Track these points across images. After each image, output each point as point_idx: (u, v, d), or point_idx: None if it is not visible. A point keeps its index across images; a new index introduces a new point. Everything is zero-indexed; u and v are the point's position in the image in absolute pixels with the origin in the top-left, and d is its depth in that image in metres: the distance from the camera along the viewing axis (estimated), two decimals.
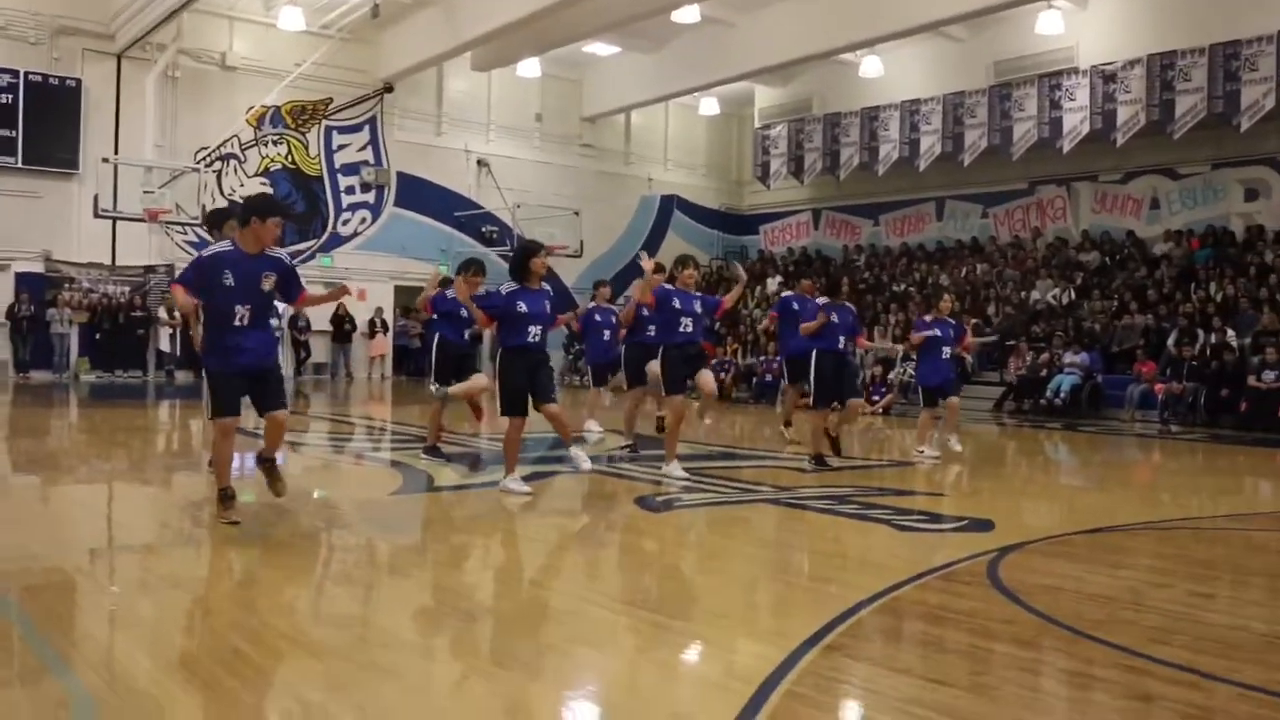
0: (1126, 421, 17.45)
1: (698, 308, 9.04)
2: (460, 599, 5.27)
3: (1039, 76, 22.41)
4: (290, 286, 6.75)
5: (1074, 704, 3.82)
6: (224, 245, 6.58)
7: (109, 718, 3.34)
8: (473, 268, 9.60)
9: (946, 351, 11.28)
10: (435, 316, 10.09)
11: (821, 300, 10.52)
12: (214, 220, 9.22)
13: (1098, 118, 21.24)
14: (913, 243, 27.07)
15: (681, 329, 8.90)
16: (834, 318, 10.19)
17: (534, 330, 7.82)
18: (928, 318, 11.45)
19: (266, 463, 6.88)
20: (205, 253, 6.58)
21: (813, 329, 10.17)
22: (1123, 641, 4.34)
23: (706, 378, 9.13)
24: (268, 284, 6.52)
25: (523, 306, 7.76)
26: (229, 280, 6.36)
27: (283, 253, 6.85)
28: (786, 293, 12.54)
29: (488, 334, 11.05)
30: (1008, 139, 22.84)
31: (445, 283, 10.11)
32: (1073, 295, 21.54)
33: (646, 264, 8.80)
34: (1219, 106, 19.61)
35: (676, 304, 8.93)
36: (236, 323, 6.43)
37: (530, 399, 7.82)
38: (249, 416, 7.47)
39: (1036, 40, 22.19)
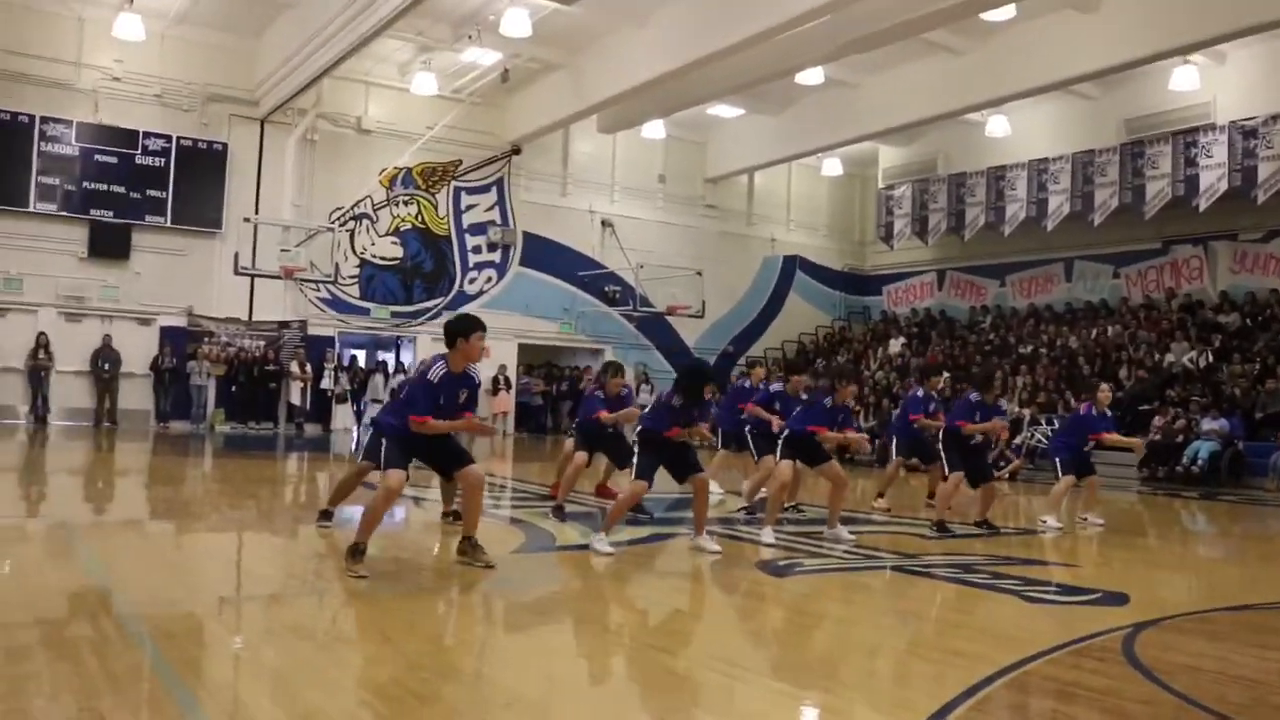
0: (1271, 492, 16.63)
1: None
2: (582, 660, 5.28)
3: (1173, 134, 21.89)
4: (471, 403, 7.19)
5: None
6: (440, 367, 6.99)
7: None
8: (612, 370, 10.71)
9: (1091, 442, 11.10)
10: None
11: (974, 397, 10.46)
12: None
13: (1237, 174, 20.60)
14: (1041, 304, 26.48)
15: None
16: (978, 415, 10.27)
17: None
18: (1092, 410, 11.22)
19: (469, 541, 7.21)
20: (431, 377, 6.96)
21: (972, 431, 10.23)
22: None
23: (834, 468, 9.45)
24: (461, 398, 7.04)
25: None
26: (441, 401, 6.90)
27: (476, 370, 7.34)
28: (917, 391, 12.52)
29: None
30: (1140, 197, 22.28)
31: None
32: (1210, 358, 20.73)
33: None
34: None
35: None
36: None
37: (672, 471, 8.22)
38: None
39: (1171, 96, 21.69)
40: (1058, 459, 11.37)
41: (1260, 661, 5.36)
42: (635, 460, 8.13)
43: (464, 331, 7.01)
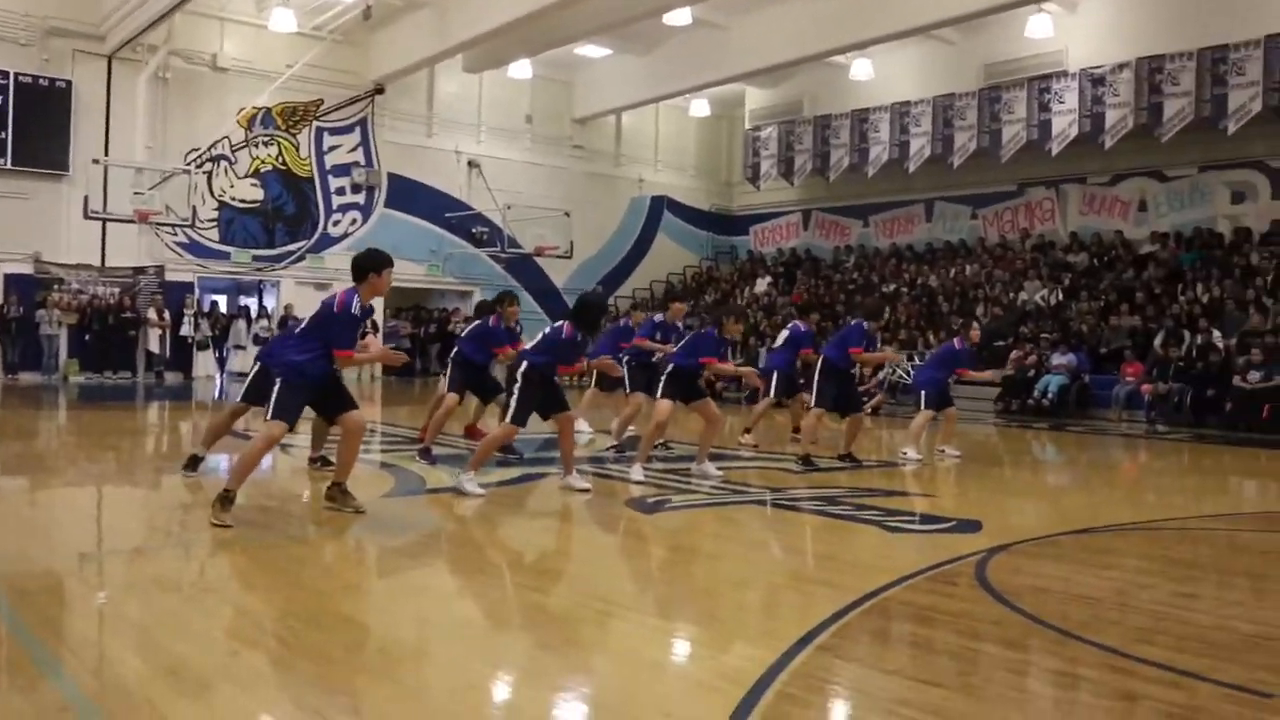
0: (1113, 421, 17.55)
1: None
2: (452, 601, 5.31)
3: (1029, 80, 22.56)
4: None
5: (1060, 704, 3.88)
6: (356, 299, 6.91)
7: None
8: (507, 298, 10.59)
9: (952, 377, 11.62)
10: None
11: (867, 325, 10.74)
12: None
13: (1086, 120, 21.38)
14: (902, 244, 27.19)
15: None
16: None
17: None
18: (956, 344, 11.72)
19: (339, 486, 7.17)
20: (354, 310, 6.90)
21: (871, 361, 10.59)
22: (1108, 642, 4.40)
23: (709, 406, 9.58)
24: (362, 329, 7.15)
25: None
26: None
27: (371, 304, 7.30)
28: (800, 324, 12.66)
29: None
30: (997, 141, 22.97)
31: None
32: (1060, 296, 21.66)
33: None
34: (1206, 110, 19.78)
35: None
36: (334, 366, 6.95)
37: (539, 412, 8.20)
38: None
39: (1026, 43, 22.32)
40: (923, 392, 11.80)
41: (1099, 580, 5.70)
42: (514, 400, 8.02)
43: (375, 267, 6.95)
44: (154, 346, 22.95)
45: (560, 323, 8.27)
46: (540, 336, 8.31)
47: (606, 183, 30.23)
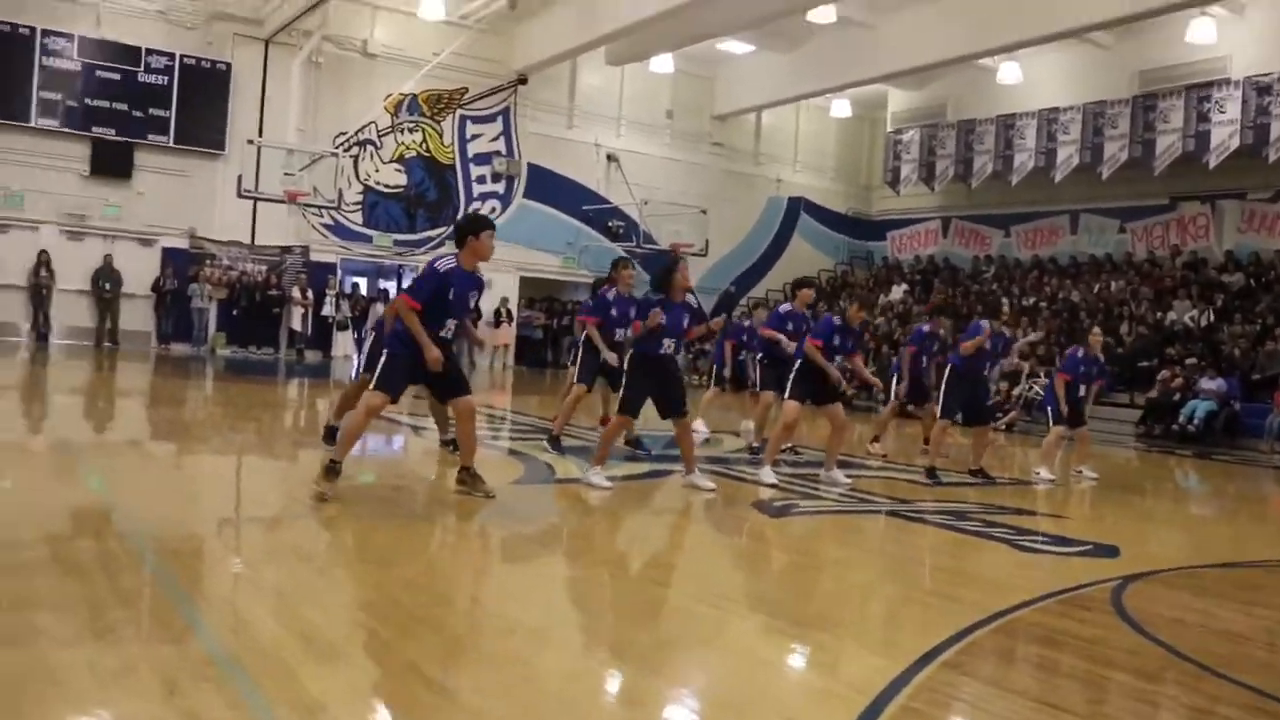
0: (1264, 453, 16.72)
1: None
2: (577, 590, 5.37)
3: (1187, 87, 21.67)
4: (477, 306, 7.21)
5: None
6: (449, 261, 6.85)
7: (251, 680, 3.49)
8: (621, 263, 10.26)
9: (1082, 389, 11.07)
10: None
11: (986, 324, 10.36)
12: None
13: (1249, 132, 20.43)
14: (1045, 255, 26.40)
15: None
16: (987, 344, 10.13)
17: (667, 342, 8.05)
18: (1080, 353, 11.21)
19: (467, 471, 7.14)
20: (439, 266, 6.82)
21: (970, 349, 10.10)
22: (1253, 682, 4.20)
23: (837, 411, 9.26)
24: (473, 300, 6.98)
25: (660, 318, 7.94)
26: (450, 296, 6.75)
27: (483, 272, 7.19)
28: (923, 326, 12.41)
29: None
30: (1150, 152, 22.13)
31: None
32: (1212, 317, 20.73)
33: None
34: None
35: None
36: (443, 334, 6.77)
37: (658, 408, 8.10)
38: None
39: (1186, 49, 21.45)
40: (1048, 408, 11.39)
41: (1244, 617, 5.44)
42: (624, 390, 8.05)
43: (474, 229, 6.90)
44: (296, 324, 23.76)
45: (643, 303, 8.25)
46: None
47: (744, 181, 30.10)
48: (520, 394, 19.89)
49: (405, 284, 26.25)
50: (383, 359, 6.77)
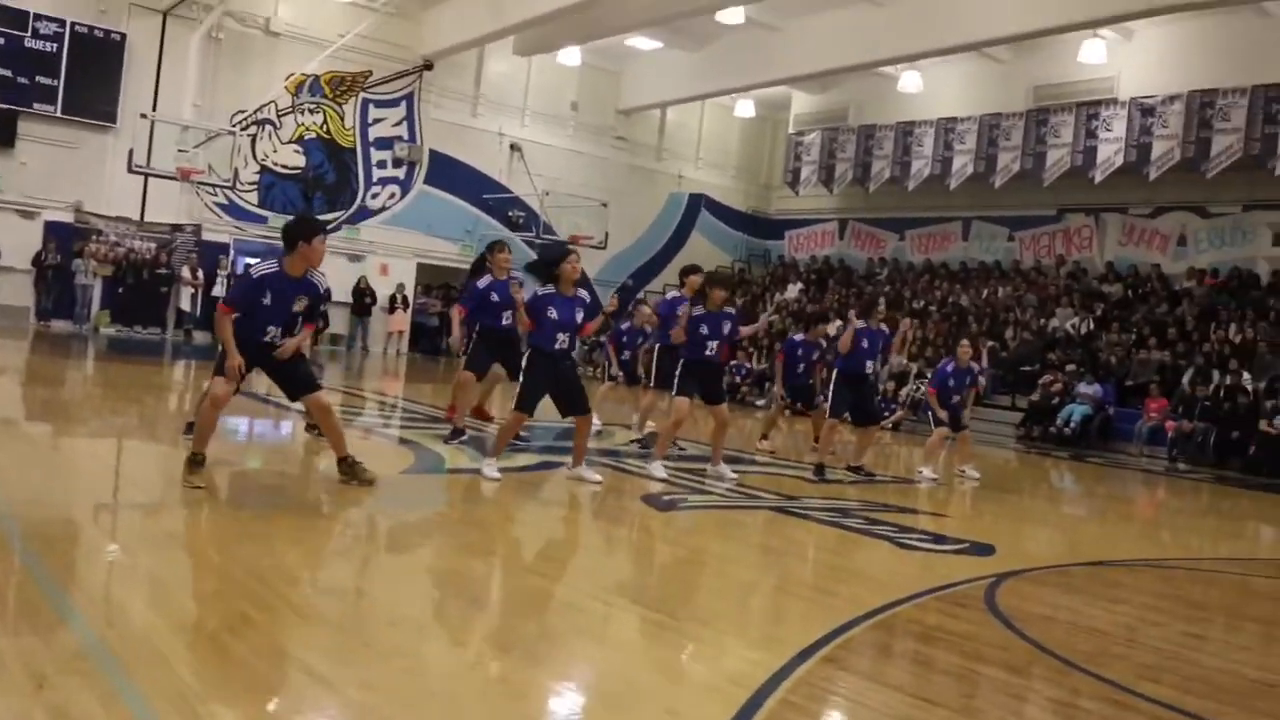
0: (1135, 456, 17.44)
1: (724, 330, 9.29)
2: (462, 581, 5.36)
3: (1077, 104, 22.40)
4: (313, 313, 6.87)
5: None
6: (270, 266, 6.63)
7: (125, 672, 3.42)
8: (496, 246, 9.90)
9: (957, 397, 11.41)
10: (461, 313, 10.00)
11: (859, 324, 10.53)
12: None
13: (1133, 150, 21.22)
14: (937, 260, 27.07)
15: (708, 351, 9.21)
16: (864, 343, 10.32)
17: (561, 337, 7.92)
18: (949, 367, 11.54)
19: (344, 461, 7.02)
20: (253, 272, 6.64)
21: (846, 345, 10.27)
22: (1112, 676, 4.40)
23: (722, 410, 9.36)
24: (299, 306, 6.68)
25: (552, 312, 7.88)
26: (266, 300, 6.52)
27: (322, 278, 6.89)
28: (796, 336, 12.71)
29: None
30: (1040, 164, 22.83)
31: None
32: (1091, 326, 21.51)
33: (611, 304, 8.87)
34: (1255, 149, 19.57)
35: (705, 329, 9.20)
36: (265, 338, 6.61)
37: (557, 407, 8.11)
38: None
39: (1078, 68, 22.14)
40: (927, 413, 11.77)
41: (1109, 614, 5.69)
42: (520, 387, 8.00)
43: (305, 234, 6.57)
44: (185, 304, 23.16)
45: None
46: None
47: (646, 176, 30.23)
48: (413, 381, 19.68)
49: None
50: (223, 357, 6.59)
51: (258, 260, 6.80)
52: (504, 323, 9.59)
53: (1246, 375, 17.60)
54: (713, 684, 3.98)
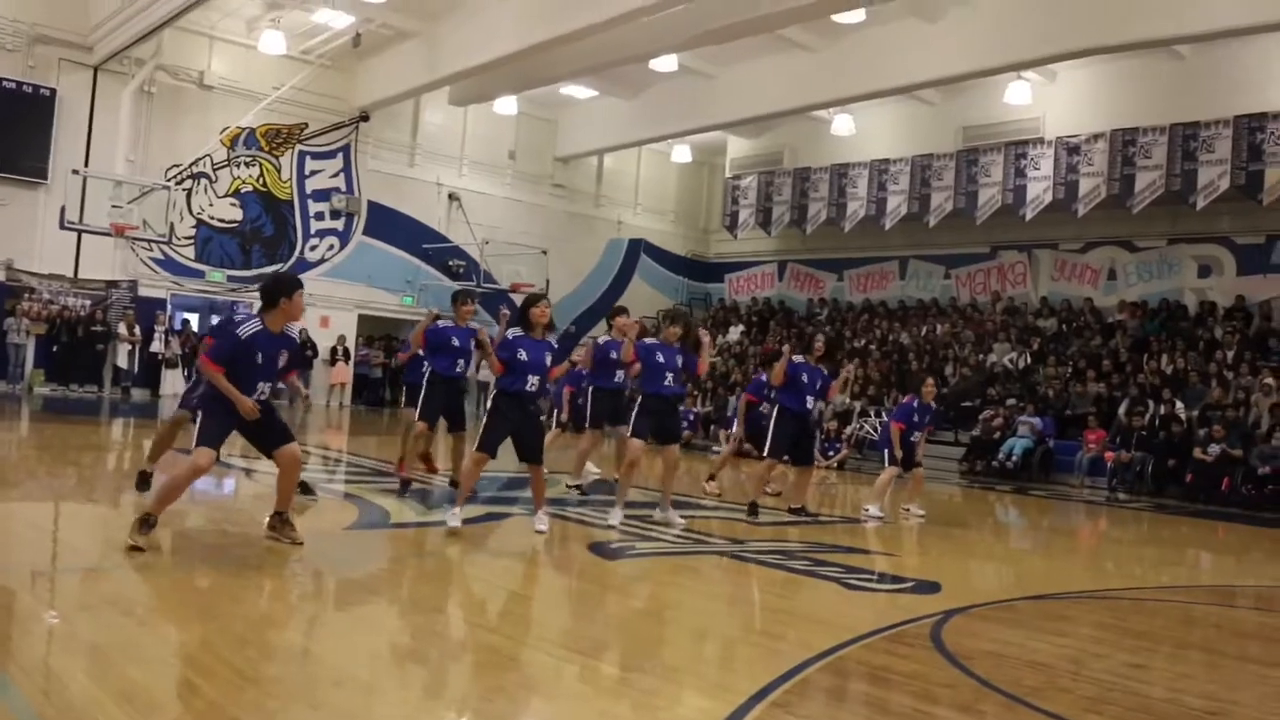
0: (1076, 487, 17.72)
1: (678, 362, 9.21)
2: (412, 639, 5.31)
3: (1006, 144, 22.94)
4: (293, 364, 7.01)
5: None
6: (254, 325, 6.64)
7: None
8: (465, 298, 10.05)
9: (916, 435, 11.50)
10: (421, 352, 10.07)
11: (797, 359, 10.59)
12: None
13: (1060, 188, 21.75)
14: (875, 299, 27.44)
15: (665, 382, 9.14)
16: (804, 377, 10.37)
17: (532, 379, 8.02)
18: (915, 403, 11.60)
19: (280, 516, 6.96)
20: (240, 334, 6.62)
21: (779, 376, 10.32)
22: (1058, 710, 4.46)
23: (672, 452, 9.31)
24: (281, 361, 6.78)
25: (523, 354, 7.99)
26: (259, 360, 6.58)
27: (295, 329, 7.04)
28: (761, 376, 12.72)
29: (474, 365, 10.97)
30: (973, 203, 23.29)
31: (435, 318, 10.07)
32: (1029, 360, 21.90)
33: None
34: (1176, 184, 20.17)
35: (660, 358, 9.13)
36: (256, 397, 6.61)
37: (516, 450, 8.14)
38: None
39: (1005, 109, 22.71)
40: (884, 450, 11.79)
41: (1054, 648, 5.75)
42: (483, 428, 8.00)
43: (287, 291, 6.67)
44: (122, 362, 22.78)
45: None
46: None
47: (585, 223, 30.39)
48: (357, 434, 19.49)
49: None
50: (199, 417, 6.61)
51: (240, 318, 6.79)
52: (456, 370, 9.73)
53: (1179, 404, 18.00)
54: None
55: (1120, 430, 18.03)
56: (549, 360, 8.15)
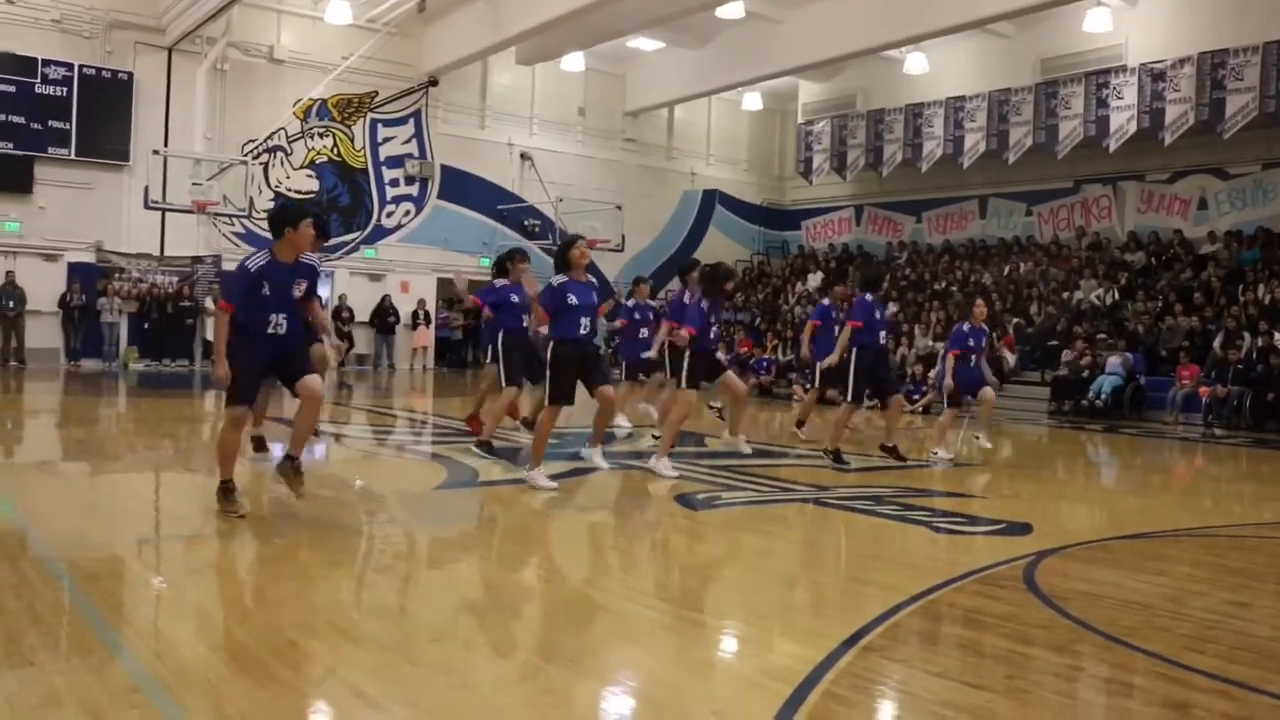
0: (1169, 424, 17.31)
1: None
2: (503, 594, 5.40)
3: (1086, 74, 22.25)
4: (312, 292, 6.86)
5: (1108, 711, 3.88)
6: (262, 257, 6.59)
7: (177, 705, 3.47)
8: (518, 255, 10.13)
9: (973, 359, 11.26)
10: (487, 311, 10.19)
11: (867, 296, 10.46)
12: None
13: (1145, 116, 21.05)
14: (955, 240, 26.97)
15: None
16: (876, 314, 10.27)
17: (584, 321, 8.07)
18: (965, 327, 11.35)
19: (292, 461, 6.71)
20: (248, 265, 6.55)
21: (860, 325, 10.23)
22: (1158, 649, 4.38)
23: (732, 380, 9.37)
24: (299, 290, 6.65)
25: (573, 298, 8.02)
26: (266, 291, 6.48)
27: (315, 259, 6.91)
28: (824, 301, 12.46)
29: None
30: (1053, 137, 22.68)
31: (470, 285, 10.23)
32: (1116, 296, 21.37)
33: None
34: (1271, 106, 19.37)
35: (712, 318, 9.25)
36: (271, 330, 6.52)
37: (586, 387, 8.24)
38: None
39: (1084, 38, 22.02)
40: (939, 388, 11.55)
41: (1151, 587, 5.65)
42: (550, 382, 8.05)
43: (292, 220, 6.59)
44: (210, 335, 23.29)
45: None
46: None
47: (658, 176, 30.27)
48: (441, 396, 19.76)
49: (320, 295, 25.99)
50: (231, 376, 6.49)
51: (251, 253, 6.75)
52: (524, 325, 9.96)
53: (1278, 336, 17.44)
54: (756, 681, 3.99)
55: (1215, 364, 17.54)
56: (596, 299, 8.24)
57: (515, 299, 9.91)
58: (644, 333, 12.19)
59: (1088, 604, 5.14)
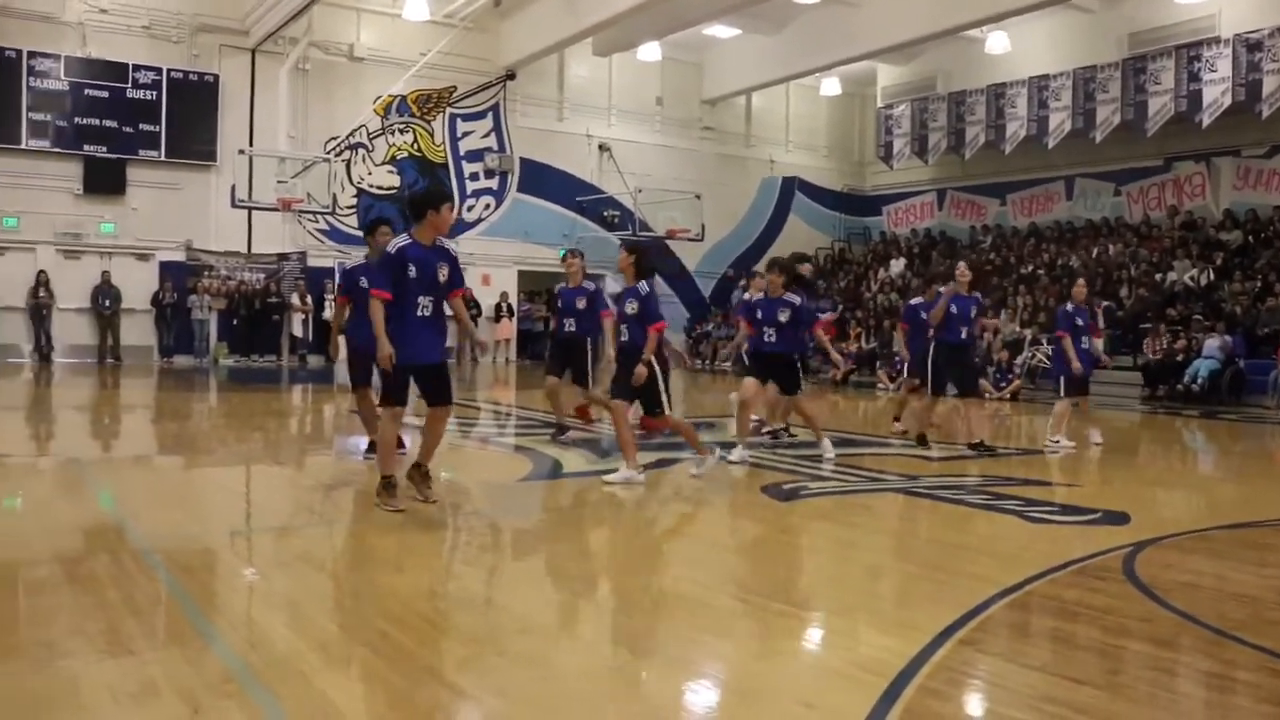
0: (1270, 409, 16.71)
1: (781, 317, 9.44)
2: (591, 587, 5.39)
3: (1176, 47, 21.60)
4: (456, 281, 6.78)
5: (1214, 707, 3.73)
6: (403, 239, 6.61)
7: (271, 694, 3.51)
8: (569, 255, 11.00)
9: (1085, 340, 10.96)
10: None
11: (943, 289, 10.33)
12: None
13: (1240, 89, 20.37)
14: (1041, 223, 26.38)
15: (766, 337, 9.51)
16: (954, 308, 10.11)
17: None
18: (1069, 307, 11.04)
19: (420, 469, 6.88)
20: (390, 249, 6.62)
21: (938, 316, 10.11)
22: (1268, 644, 4.21)
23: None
24: (443, 274, 6.62)
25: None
26: (412, 273, 6.48)
27: (452, 245, 6.91)
28: (915, 300, 12.25)
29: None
30: (1142, 114, 22.08)
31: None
32: (1212, 276, 20.70)
33: None
34: None
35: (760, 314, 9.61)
36: (419, 313, 6.54)
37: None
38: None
39: (1174, 9, 21.40)
40: (1060, 377, 11.17)
41: (1257, 579, 5.45)
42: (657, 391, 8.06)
43: (434, 203, 6.58)
44: (297, 330, 23.80)
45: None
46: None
47: (737, 164, 30.09)
48: (524, 388, 19.88)
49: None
50: (376, 377, 6.61)
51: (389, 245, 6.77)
52: (565, 328, 10.48)
53: None
54: (847, 673, 3.92)
55: None
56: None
57: (560, 304, 10.56)
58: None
59: (1191, 596, 4.97)
